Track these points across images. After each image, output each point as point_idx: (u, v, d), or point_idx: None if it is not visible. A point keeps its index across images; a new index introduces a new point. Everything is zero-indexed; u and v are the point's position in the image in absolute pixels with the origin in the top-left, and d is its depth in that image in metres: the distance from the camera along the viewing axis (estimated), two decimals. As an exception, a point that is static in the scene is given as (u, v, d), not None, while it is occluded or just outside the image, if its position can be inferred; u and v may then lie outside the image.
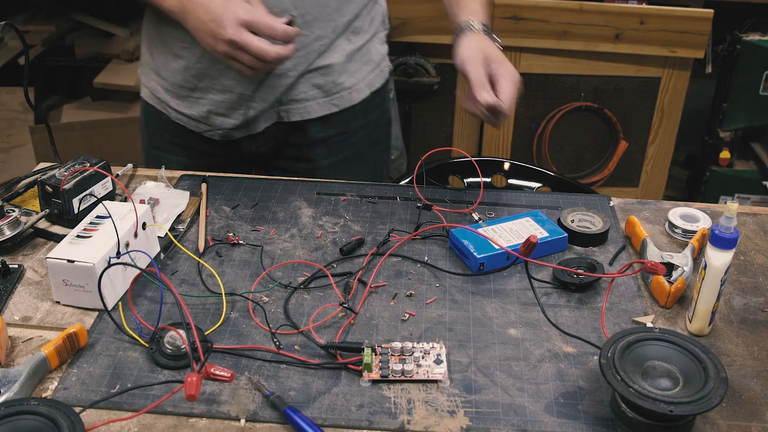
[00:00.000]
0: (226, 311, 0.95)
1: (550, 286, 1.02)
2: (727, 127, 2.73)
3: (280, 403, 0.81)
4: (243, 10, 1.08)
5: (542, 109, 2.57)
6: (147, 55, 1.35)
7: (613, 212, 1.19)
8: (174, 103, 1.32)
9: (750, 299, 1.01)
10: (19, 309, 0.96)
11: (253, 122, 1.31)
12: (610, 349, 0.80)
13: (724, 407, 0.83)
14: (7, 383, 0.80)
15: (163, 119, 1.36)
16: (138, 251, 0.98)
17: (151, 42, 1.32)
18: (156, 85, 1.34)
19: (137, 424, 0.80)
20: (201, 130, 1.33)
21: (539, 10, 2.37)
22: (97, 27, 2.94)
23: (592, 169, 2.72)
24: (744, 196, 2.82)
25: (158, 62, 1.32)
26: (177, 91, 1.31)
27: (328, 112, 1.33)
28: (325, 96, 1.31)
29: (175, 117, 1.34)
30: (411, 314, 0.96)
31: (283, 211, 1.17)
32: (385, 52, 1.40)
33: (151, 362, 0.87)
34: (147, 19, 1.33)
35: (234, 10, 1.08)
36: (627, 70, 2.54)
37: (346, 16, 1.27)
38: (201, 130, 1.33)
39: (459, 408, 0.82)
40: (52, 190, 1.06)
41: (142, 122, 1.45)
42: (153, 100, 1.37)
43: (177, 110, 1.33)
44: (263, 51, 1.09)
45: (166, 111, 1.35)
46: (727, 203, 0.87)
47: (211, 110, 1.30)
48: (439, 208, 1.15)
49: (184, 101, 1.31)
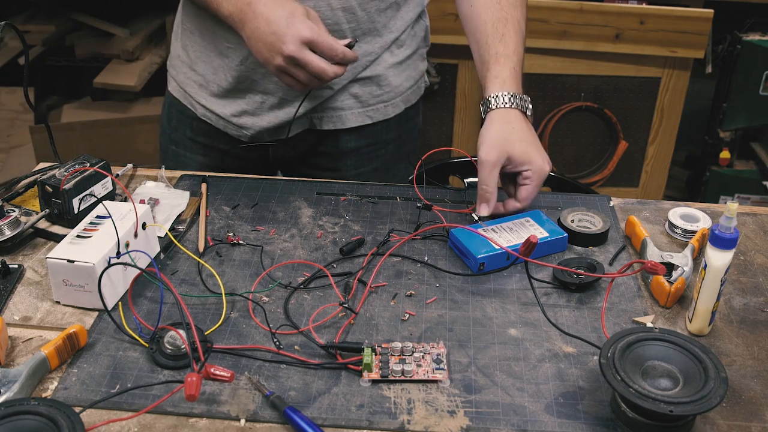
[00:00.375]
0: (226, 311, 0.95)
1: (550, 286, 1.02)
2: (727, 127, 2.74)
3: (280, 403, 0.81)
4: (306, 28, 1.06)
5: (542, 109, 2.57)
6: (180, 49, 1.33)
7: (613, 212, 1.19)
8: (205, 100, 1.31)
9: (750, 299, 1.01)
10: (19, 309, 0.96)
11: (282, 127, 1.30)
12: (610, 349, 0.80)
13: (724, 407, 0.83)
14: (7, 383, 0.80)
15: (187, 115, 1.35)
16: (138, 251, 0.98)
17: (188, 36, 1.30)
18: (187, 80, 1.32)
19: (137, 424, 0.80)
20: (229, 130, 1.32)
21: (539, 10, 2.37)
22: (97, 27, 2.94)
23: (592, 169, 2.72)
24: (744, 196, 2.82)
25: (194, 57, 1.30)
26: (211, 88, 1.29)
27: (362, 123, 1.32)
28: (362, 107, 1.31)
29: (203, 114, 1.32)
30: (411, 314, 0.96)
31: (283, 211, 1.17)
32: (424, 69, 1.39)
33: (151, 362, 0.87)
34: (184, 13, 1.31)
35: (297, 26, 1.06)
36: (627, 70, 2.54)
37: (393, 33, 1.27)
38: (229, 130, 1.32)
39: (459, 408, 0.83)
40: (52, 190, 1.06)
41: (163, 118, 1.43)
42: (180, 95, 1.35)
43: (207, 108, 1.31)
44: (323, 71, 1.08)
45: (193, 107, 1.33)
46: (727, 203, 0.87)
47: (245, 110, 1.28)
48: (439, 208, 1.15)
49: (218, 99, 1.30)
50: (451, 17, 2.27)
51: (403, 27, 1.28)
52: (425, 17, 1.36)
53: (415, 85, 1.37)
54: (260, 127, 1.29)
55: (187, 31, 1.30)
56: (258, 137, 1.31)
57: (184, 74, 1.32)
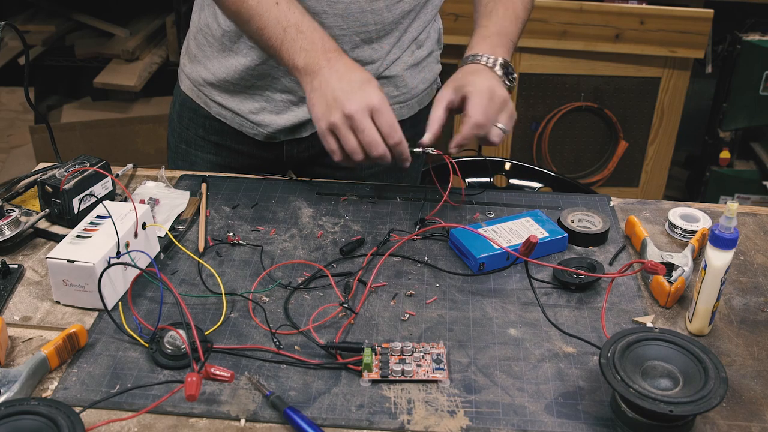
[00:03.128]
0: (226, 311, 0.95)
1: (550, 286, 1.02)
2: (727, 127, 2.74)
3: (280, 403, 0.81)
4: (377, 96, 1.05)
5: (542, 109, 2.57)
6: (195, 47, 1.32)
7: (613, 212, 1.19)
8: (220, 97, 1.30)
9: (750, 299, 1.01)
10: (19, 309, 0.96)
11: (299, 126, 1.29)
12: (610, 349, 0.81)
13: (724, 407, 0.83)
14: (7, 383, 0.80)
15: (200, 114, 1.34)
16: (138, 251, 0.98)
17: (204, 35, 1.29)
18: (201, 78, 1.31)
19: (137, 424, 0.80)
20: (245, 128, 1.31)
21: (539, 10, 2.37)
22: (97, 27, 2.95)
23: (592, 169, 2.72)
24: (744, 196, 2.83)
25: (209, 54, 1.28)
26: (227, 86, 1.28)
27: None
28: None
29: (217, 112, 1.31)
30: (411, 314, 0.96)
31: (283, 211, 1.17)
32: (438, 71, 1.39)
33: (151, 362, 0.87)
34: (200, 11, 1.30)
35: (369, 91, 1.05)
36: (627, 70, 2.54)
37: (412, 33, 1.27)
38: (245, 128, 1.30)
39: (459, 408, 0.83)
40: (52, 190, 1.06)
41: (173, 116, 1.41)
42: (193, 93, 1.34)
43: (223, 105, 1.30)
44: (375, 142, 1.04)
45: (206, 105, 1.32)
46: (727, 203, 0.87)
47: (264, 108, 1.28)
48: (439, 152, 1.15)
49: (234, 96, 1.28)
50: (451, 17, 2.28)
51: (422, 28, 1.28)
52: (438, 19, 1.37)
53: (429, 87, 1.37)
54: (278, 125, 1.28)
55: (208, 27, 1.28)
56: (274, 136, 1.31)
57: (197, 72, 1.32)
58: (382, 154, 1.05)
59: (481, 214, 1.18)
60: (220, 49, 1.26)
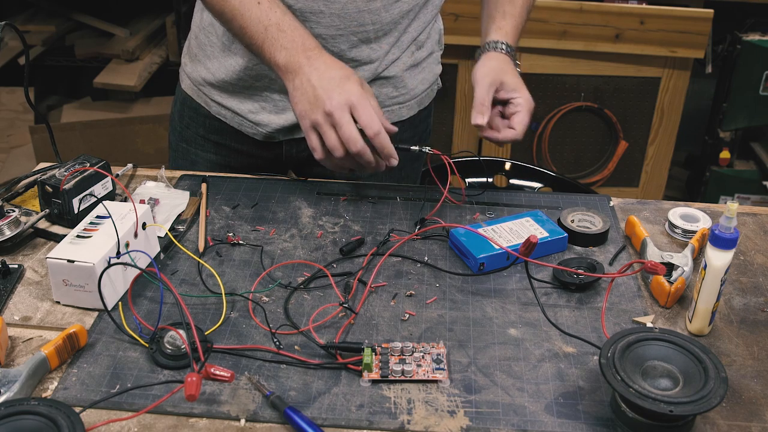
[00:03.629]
0: (226, 311, 0.95)
1: (550, 286, 1.02)
2: (727, 127, 2.74)
3: (280, 403, 0.81)
4: (356, 93, 1.05)
5: (542, 109, 2.57)
6: (195, 47, 1.32)
7: (613, 212, 1.19)
8: (220, 97, 1.30)
9: (750, 299, 1.01)
10: (19, 309, 0.96)
11: (298, 126, 1.27)
12: (610, 349, 0.81)
13: (724, 407, 0.83)
14: (7, 383, 0.80)
15: (201, 113, 1.34)
16: (138, 251, 0.98)
17: (206, 33, 1.29)
18: (201, 77, 1.31)
19: (137, 424, 0.80)
20: (244, 128, 1.31)
21: (539, 10, 2.37)
22: (97, 27, 2.95)
23: (592, 169, 2.73)
24: (744, 196, 2.83)
25: (210, 53, 1.29)
26: (226, 87, 1.28)
27: None
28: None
29: (217, 112, 1.31)
30: (411, 314, 0.96)
31: (283, 211, 1.17)
32: (438, 72, 1.39)
33: (151, 362, 0.87)
34: (201, 11, 1.30)
35: (348, 88, 1.05)
36: (627, 70, 2.54)
37: (411, 33, 1.27)
38: (244, 127, 1.31)
39: (459, 408, 0.83)
40: (52, 190, 1.06)
41: (175, 115, 1.42)
42: (194, 92, 1.34)
43: (222, 104, 1.30)
44: (352, 138, 1.04)
45: (207, 105, 1.32)
46: (727, 203, 0.87)
47: (263, 107, 1.28)
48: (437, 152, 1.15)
49: (233, 96, 1.29)
50: (451, 17, 2.28)
51: (421, 28, 1.28)
52: (439, 20, 1.36)
53: (429, 88, 1.37)
54: (277, 125, 1.28)
55: (209, 27, 1.29)
56: (273, 135, 1.31)
57: (198, 72, 1.32)
58: (360, 149, 1.05)
59: (481, 214, 1.18)
60: (221, 48, 1.26)
